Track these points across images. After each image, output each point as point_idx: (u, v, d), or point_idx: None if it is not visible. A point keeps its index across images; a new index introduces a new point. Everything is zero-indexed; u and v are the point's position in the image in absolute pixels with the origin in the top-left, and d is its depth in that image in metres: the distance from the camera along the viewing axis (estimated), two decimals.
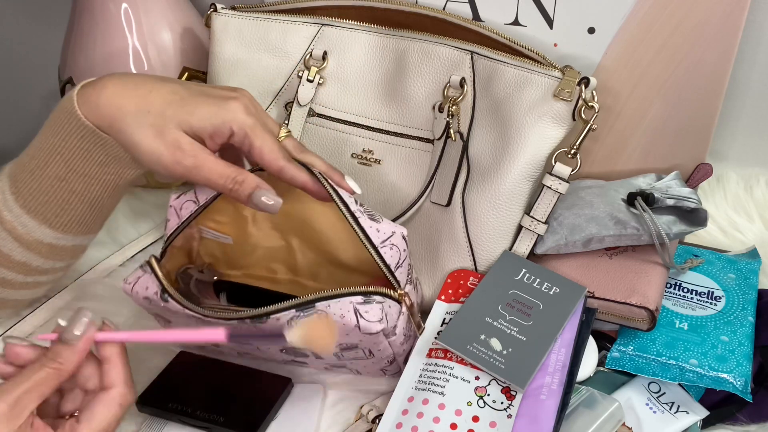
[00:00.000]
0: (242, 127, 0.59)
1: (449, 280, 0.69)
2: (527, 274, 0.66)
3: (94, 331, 0.52)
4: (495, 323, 0.62)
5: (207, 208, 0.62)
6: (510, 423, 0.57)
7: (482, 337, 0.61)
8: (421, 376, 0.61)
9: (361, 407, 0.64)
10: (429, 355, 0.62)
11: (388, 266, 0.58)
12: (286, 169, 0.59)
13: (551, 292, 0.64)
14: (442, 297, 0.68)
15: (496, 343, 0.61)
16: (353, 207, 0.59)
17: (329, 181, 0.59)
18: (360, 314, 0.56)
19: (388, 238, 0.59)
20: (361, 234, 0.58)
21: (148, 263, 0.61)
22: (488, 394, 0.59)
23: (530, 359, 0.60)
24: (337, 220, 0.62)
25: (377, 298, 0.57)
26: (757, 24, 0.80)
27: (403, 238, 0.60)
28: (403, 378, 0.61)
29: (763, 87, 0.85)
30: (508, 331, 0.62)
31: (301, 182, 0.60)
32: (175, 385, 0.66)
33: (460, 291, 0.68)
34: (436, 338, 0.63)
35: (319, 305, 0.56)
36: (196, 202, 0.62)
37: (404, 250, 0.60)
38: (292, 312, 0.56)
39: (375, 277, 0.62)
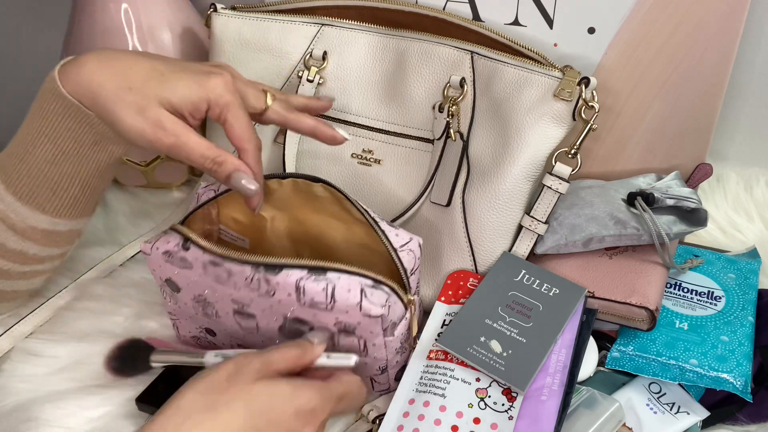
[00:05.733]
0: (218, 103, 0.58)
1: (449, 281, 0.69)
2: (527, 276, 0.66)
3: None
4: (495, 325, 0.62)
5: (225, 201, 0.63)
6: (511, 424, 0.57)
7: (482, 339, 0.61)
8: (421, 378, 0.61)
9: (362, 407, 0.64)
10: (429, 357, 0.62)
11: (405, 270, 0.59)
12: (246, 152, 0.60)
13: (551, 294, 0.64)
14: (442, 298, 0.68)
15: (496, 345, 0.61)
16: (373, 214, 0.60)
17: (357, 203, 0.60)
18: (365, 295, 0.56)
19: (406, 243, 0.60)
20: (382, 236, 0.59)
21: (170, 227, 0.61)
22: (489, 396, 0.59)
23: (530, 361, 0.60)
24: (350, 237, 0.63)
25: (386, 289, 0.58)
26: (757, 24, 0.80)
27: (419, 246, 0.61)
28: (404, 380, 0.61)
29: (763, 87, 0.85)
30: (508, 333, 0.62)
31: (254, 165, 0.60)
32: (176, 384, 0.65)
33: (460, 292, 0.68)
34: (436, 340, 0.63)
35: (331, 274, 0.57)
36: (216, 191, 0.63)
37: (418, 258, 0.60)
38: (305, 272, 0.56)
39: None
